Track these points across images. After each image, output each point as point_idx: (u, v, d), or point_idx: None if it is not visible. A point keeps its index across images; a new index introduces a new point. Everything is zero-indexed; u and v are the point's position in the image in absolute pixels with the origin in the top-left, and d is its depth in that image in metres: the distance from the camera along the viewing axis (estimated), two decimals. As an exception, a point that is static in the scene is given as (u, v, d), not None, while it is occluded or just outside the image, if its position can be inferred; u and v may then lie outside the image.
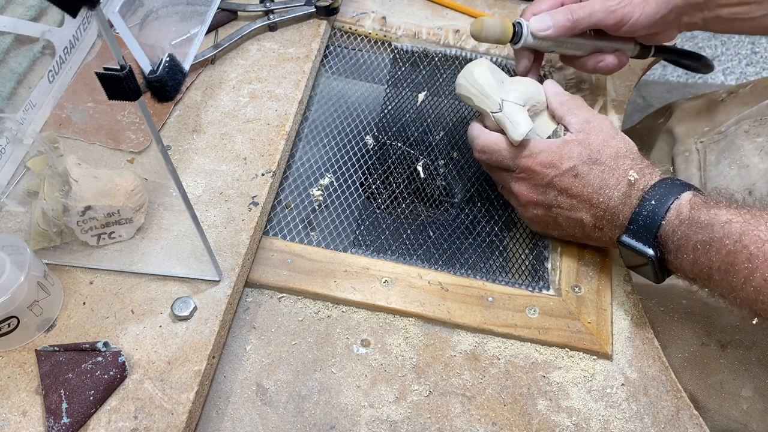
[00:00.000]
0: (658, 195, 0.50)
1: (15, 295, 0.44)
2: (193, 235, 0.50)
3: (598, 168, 0.54)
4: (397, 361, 0.53)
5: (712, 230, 0.47)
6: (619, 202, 0.52)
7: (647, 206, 0.50)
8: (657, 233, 0.50)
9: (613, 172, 0.53)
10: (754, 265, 0.44)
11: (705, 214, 0.48)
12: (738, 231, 0.45)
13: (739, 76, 1.69)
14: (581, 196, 0.54)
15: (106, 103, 0.54)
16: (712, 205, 0.48)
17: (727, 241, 0.46)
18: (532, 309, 0.56)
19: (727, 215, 0.47)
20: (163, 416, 0.44)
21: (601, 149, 0.54)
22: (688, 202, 0.49)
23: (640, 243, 0.51)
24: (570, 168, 0.54)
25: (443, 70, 0.75)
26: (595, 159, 0.54)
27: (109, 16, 0.31)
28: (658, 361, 0.55)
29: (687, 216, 0.49)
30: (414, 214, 0.66)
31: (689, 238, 0.48)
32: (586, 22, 0.60)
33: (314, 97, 0.71)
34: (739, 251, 0.45)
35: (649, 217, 0.50)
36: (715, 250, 0.46)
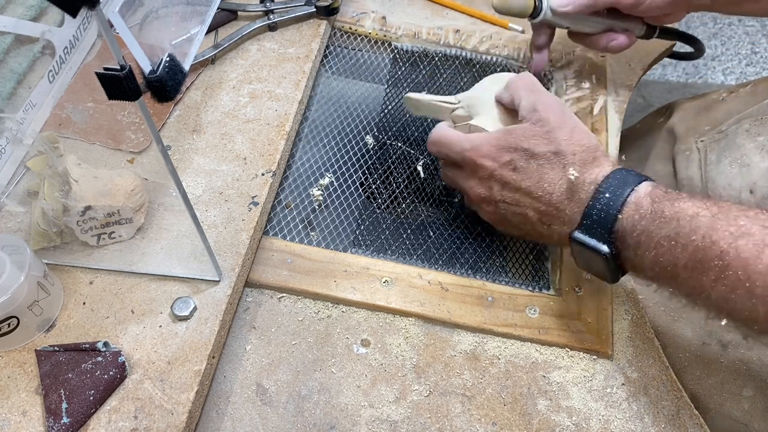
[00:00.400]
0: (613, 187, 0.47)
1: (15, 295, 0.44)
2: (193, 235, 0.50)
3: (535, 161, 0.51)
4: (397, 361, 0.53)
5: (678, 224, 0.43)
6: (563, 197, 0.50)
7: (601, 199, 0.47)
8: (613, 228, 0.47)
9: (553, 167, 0.50)
10: (725, 263, 0.41)
11: (669, 208, 0.45)
12: (706, 226, 0.42)
13: (739, 76, 1.69)
14: (521, 190, 0.52)
15: (106, 103, 0.55)
16: (675, 197, 0.45)
17: (694, 237, 0.42)
18: (533, 309, 0.56)
19: (694, 208, 0.44)
20: (163, 416, 0.44)
21: (540, 142, 0.51)
22: (647, 194, 0.46)
23: (593, 239, 0.47)
24: (509, 161, 0.52)
25: (443, 70, 0.75)
26: (534, 152, 0.51)
27: (109, 16, 0.31)
28: (658, 361, 0.55)
29: (648, 209, 0.45)
30: (414, 214, 0.66)
31: (651, 233, 0.45)
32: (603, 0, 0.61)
33: (314, 97, 0.71)
34: (708, 247, 0.42)
35: (603, 211, 0.47)
36: (681, 247, 0.43)
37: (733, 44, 1.76)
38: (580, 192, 0.49)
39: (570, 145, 0.51)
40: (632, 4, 0.62)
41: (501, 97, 0.58)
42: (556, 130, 0.51)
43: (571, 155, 0.50)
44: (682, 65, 1.73)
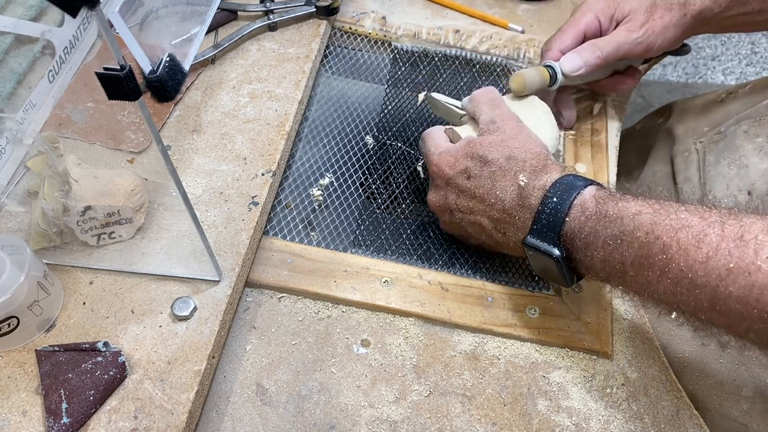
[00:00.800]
0: (560, 191, 0.48)
1: (15, 295, 0.44)
2: (193, 235, 0.50)
3: (488, 168, 0.52)
4: (397, 361, 0.53)
5: (622, 223, 0.44)
6: (514, 204, 0.51)
7: (549, 204, 0.48)
8: (561, 231, 0.48)
9: (505, 174, 0.52)
10: (668, 256, 0.42)
11: (613, 207, 0.45)
12: (649, 221, 0.43)
13: (739, 76, 1.69)
14: (476, 198, 0.53)
15: (106, 103, 0.54)
16: (618, 198, 0.46)
17: (638, 233, 0.43)
18: (532, 309, 0.56)
19: (636, 207, 0.44)
20: (163, 416, 0.44)
21: (494, 149, 0.53)
22: (592, 196, 0.47)
23: (544, 243, 0.49)
24: (464, 168, 0.54)
25: (443, 70, 0.75)
26: (488, 159, 0.52)
27: (109, 16, 0.31)
28: (658, 361, 0.55)
29: (593, 211, 0.46)
30: (414, 214, 0.66)
31: (598, 233, 0.46)
32: (614, 56, 0.61)
33: (314, 97, 0.71)
34: (651, 242, 0.42)
35: (551, 215, 0.48)
36: (627, 244, 0.44)
37: (733, 44, 1.76)
38: (530, 197, 0.50)
39: (522, 152, 0.52)
40: (641, 54, 0.63)
41: (465, 109, 0.60)
42: (510, 139, 0.54)
43: (522, 161, 0.52)
44: (682, 65, 1.73)
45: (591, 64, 0.61)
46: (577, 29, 0.63)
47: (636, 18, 0.62)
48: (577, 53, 0.61)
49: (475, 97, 0.59)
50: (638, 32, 0.61)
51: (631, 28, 0.62)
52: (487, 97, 0.58)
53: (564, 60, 0.62)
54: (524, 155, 0.52)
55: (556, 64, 0.62)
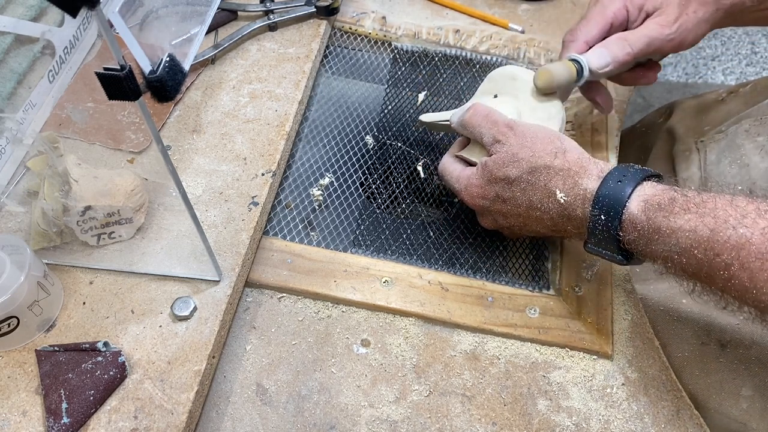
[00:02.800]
0: (606, 208, 0.47)
1: (15, 295, 0.44)
2: (193, 235, 0.50)
3: (517, 187, 0.52)
4: (397, 361, 0.53)
5: (677, 241, 0.44)
6: (560, 216, 0.50)
7: (598, 223, 0.47)
8: (619, 245, 0.48)
9: (535, 187, 0.51)
10: (730, 273, 0.42)
11: (664, 222, 0.45)
12: (706, 239, 0.43)
13: (739, 76, 1.69)
14: (521, 216, 0.53)
15: (106, 103, 0.54)
16: (668, 209, 0.45)
17: (696, 251, 0.43)
18: (533, 309, 0.56)
19: (690, 223, 0.44)
20: (163, 416, 0.44)
21: (510, 168, 0.51)
22: (641, 211, 0.46)
23: (607, 251, 0.49)
24: (495, 195, 0.53)
25: (443, 70, 0.75)
26: (511, 179, 0.52)
27: (109, 16, 0.31)
28: (658, 361, 0.55)
29: (645, 226, 0.46)
30: (414, 214, 0.66)
31: (654, 250, 0.46)
32: (643, 53, 0.58)
33: (314, 97, 0.71)
34: (711, 260, 0.43)
35: (604, 231, 0.48)
36: (686, 260, 0.44)
37: (733, 44, 1.76)
38: (575, 210, 0.49)
39: (539, 158, 0.51)
40: (674, 49, 0.59)
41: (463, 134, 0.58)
42: (519, 150, 0.52)
43: (546, 169, 0.50)
44: (682, 65, 1.73)
45: (620, 60, 0.57)
46: (604, 18, 0.59)
47: (669, 11, 0.58)
48: (605, 48, 0.58)
49: (467, 122, 0.56)
50: (671, 28, 0.57)
51: (663, 23, 0.58)
52: (479, 117, 0.55)
53: (591, 55, 0.58)
54: (544, 161, 0.51)
55: (583, 58, 0.58)
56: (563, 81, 0.57)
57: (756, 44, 1.76)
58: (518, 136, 0.53)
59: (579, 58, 0.58)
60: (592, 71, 0.58)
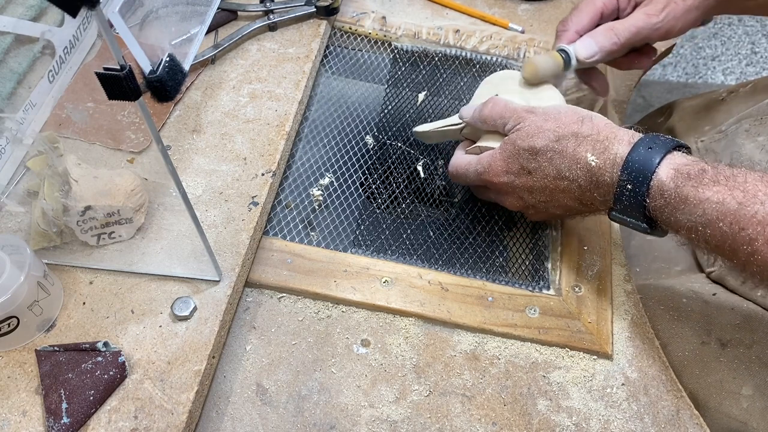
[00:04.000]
0: (634, 174, 0.47)
1: (15, 295, 0.44)
2: (193, 235, 0.50)
3: (543, 156, 0.51)
4: (397, 361, 0.53)
5: (704, 211, 0.44)
6: (588, 182, 0.50)
7: (625, 189, 0.47)
8: (644, 211, 0.48)
9: (563, 154, 0.50)
10: (754, 248, 0.42)
11: (693, 192, 0.45)
12: (732, 212, 0.43)
13: (739, 76, 1.69)
14: (547, 188, 0.53)
15: (106, 103, 0.54)
16: (698, 179, 0.45)
17: (721, 224, 0.44)
18: (532, 309, 0.56)
19: (718, 195, 0.44)
20: (163, 416, 0.44)
21: (536, 138, 0.52)
22: (670, 179, 0.46)
23: (631, 219, 0.49)
24: (520, 167, 0.53)
25: (443, 70, 0.75)
26: (536, 148, 0.51)
27: (109, 16, 0.31)
28: (658, 361, 0.55)
29: (673, 194, 0.46)
30: (414, 214, 0.66)
31: (679, 218, 0.46)
32: (631, 42, 0.59)
33: (314, 97, 0.71)
34: (736, 233, 0.43)
35: (631, 197, 0.47)
36: (710, 232, 0.44)
37: (733, 44, 1.76)
38: (603, 175, 0.49)
39: (565, 127, 0.51)
40: (662, 37, 0.60)
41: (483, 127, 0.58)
42: (544, 123, 0.52)
43: (574, 136, 0.50)
44: (682, 65, 1.73)
45: (606, 49, 0.59)
46: (595, 8, 0.61)
47: (657, 0, 0.59)
48: (592, 38, 0.59)
49: (488, 114, 0.56)
50: (658, 17, 0.58)
51: (650, 12, 0.59)
52: (499, 107, 0.56)
53: (579, 45, 0.60)
54: (570, 129, 0.51)
55: (570, 48, 0.60)
56: (549, 72, 0.59)
57: (756, 44, 1.76)
58: (540, 114, 0.53)
59: (567, 48, 0.60)
60: (580, 61, 0.60)
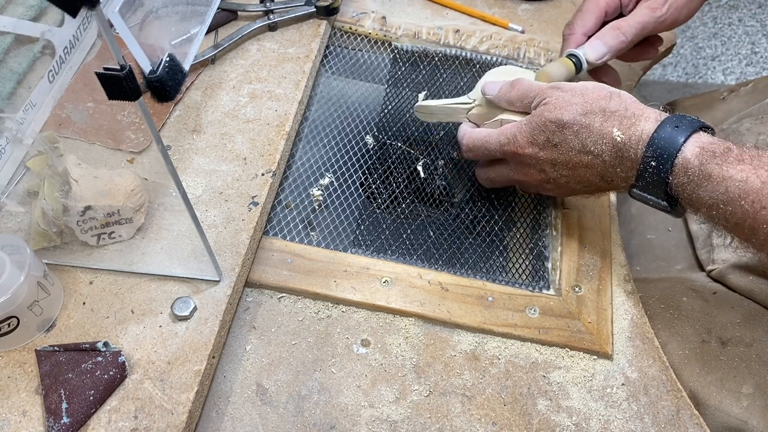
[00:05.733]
0: (659, 151, 0.47)
1: (15, 295, 0.44)
2: (193, 235, 0.50)
3: (570, 129, 0.51)
4: (397, 361, 0.53)
5: (727, 189, 0.45)
6: (613, 157, 0.50)
7: (649, 165, 0.48)
8: (666, 189, 0.48)
9: (590, 129, 0.51)
10: None
11: (717, 170, 0.45)
12: (755, 190, 0.43)
13: (739, 75, 1.69)
14: (571, 162, 0.53)
15: (106, 103, 0.54)
16: (723, 157, 0.45)
17: (743, 202, 0.44)
18: (532, 309, 0.56)
19: (742, 173, 0.44)
20: (163, 416, 0.44)
21: (564, 110, 0.52)
22: (695, 156, 0.46)
23: (652, 196, 0.50)
24: (546, 140, 0.53)
25: (443, 70, 0.75)
26: (564, 121, 0.52)
27: (109, 16, 0.31)
28: (658, 361, 0.55)
29: (697, 171, 0.46)
30: (414, 214, 0.66)
31: (701, 195, 0.46)
32: (639, 37, 0.60)
33: (314, 97, 0.71)
34: (757, 211, 0.43)
35: (654, 174, 0.48)
36: (731, 209, 0.45)
37: (733, 44, 1.76)
38: (629, 151, 0.49)
39: (592, 102, 0.51)
40: (668, 28, 0.61)
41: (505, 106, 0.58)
42: (572, 97, 0.52)
43: (601, 111, 0.51)
44: (682, 65, 1.73)
45: (615, 49, 0.60)
46: (599, 8, 0.62)
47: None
48: (600, 40, 0.60)
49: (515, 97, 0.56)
50: (662, 9, 0.59)
51: (653, 6, 0.60)
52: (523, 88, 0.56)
53: (588, 48, 0.60)
54: (599, 104, 0.51)
55: (580, 52, 0.60)
56: (562, 79, 0.60)
57: (756, 44, 1.76)
58: (567, 90, 0.54)
59: (577, 53, 0.61)
60: (590, 63, 0.61)
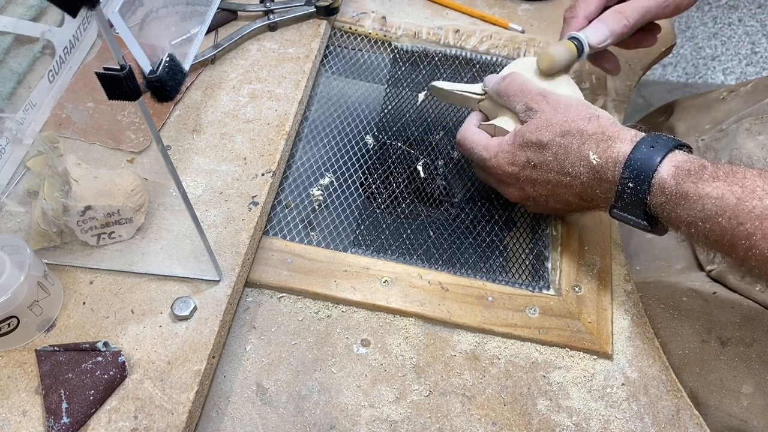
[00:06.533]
0: (636, 172, 0.48)
1: (15, 295, 0.44)
2: (193, 235, 0.50)
3: (549, 151, 0.52)
4: (397, 360, 0.53)
5: (704, 207, 0.45)
6: (591, 179, 0.51)
7: (626, 186, 0.48)
8: (645, 208, 0.49)
9: (567, 150, 0.52)
10: (752, 242, 0.43)
11: (693, 188, 0.45)
12: (731, 207, 0.44)
13: (739, 75, 1.69)
14: (550, 182, 0.54)
15: (106, 103, 0.55)
16: (698, 176, 0.46)
17: (720, 219, 0.44)
18: (532, 309, 0.56)
19: (718, 190, 0.44)
20: (163, 416, 0.44)
21: (544, 131, 0.53)
22: (671, 176, 0.47)
23: (632, 216, 0.50)
24: (526, 161, 0.54)
25: (443, 70, 0.75)
26: (543, 143, 0.52)
27: (109, 16, 0.31)
28: (658, 361, 0.55)
29: (673, 191, 0.46)
30: (414, 214, 0.66)
31: (679, 214, 0.46)
32: (641, 22, 0.60)
33: (314, 97, 0.71)
34: (735, 228, 0.44)
35: (632, 195, 0.48)
36: (709, 227, 0.45)
37: (733, 44, 1.76)
38: (606, 173, 0.50)
39: (572, 123, 0.52)
40: (671, 13, 0.60)
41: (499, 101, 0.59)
42: (553, 115, 0.53)
43: (579, 133, 0.51)
44: (682, 65, 1.73)
45: (617, 33, 0.59)
46: None
47: None
48: (602, 23, 0.59)
49: (504, 90, 0.58)
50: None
51: None
52: (515, 86, 0.57)
53: (590, 31, 0.60)
54: (577, 125, 0.52)
55: (582, 35, 0.60)
56: (564, 62, 0.59)
57: (756, 44, 1.76)
58: (551, 104, 0.54)
59: (579, 36, 0.60)
60: (592, 47, 0.60)
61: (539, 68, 0.59)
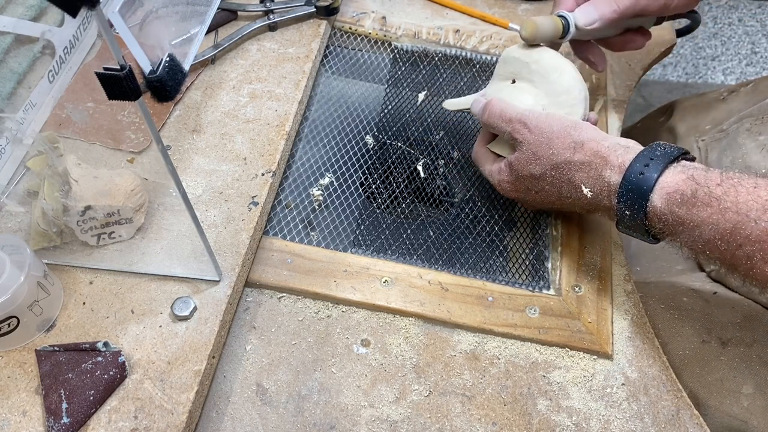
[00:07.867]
0: (630, 202, 0.48)
1: (15, 295, 0.44)
2: (193, 235, 0.50)
3: (544, 181, 0.54)
4: (397, 360, 0.53)
5: (701, 232, 0.45)
6: (590, 203, 0.52)
7: (625, 213, 0.49)
8: (647, 230, 0.49)
9: (561, 181, 0.53)
10: (752, 263, 0.43)
11: (688, 214, 0.46)
12: (730, 231, 0.44)
13: (739, 75, 1.69)
14: (554, 203, 0.57)
15: (106, 103, 0.55)
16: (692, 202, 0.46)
17: (719, 242, 0.45)
18: (533, 309, 0.56)
19: (714, 216, 0.44)
20: (163, 416, 0.44)
21: (533, 165, 0.54)
22: (665, 203, 0.47)
23: (637, 234, 0.51)
24: (526, 189, 0.57)
25: (443, 70, 0.75)
26: (536, 175, 0.54)
27: (109, 16, 0.31)
28: (658, 361, 0.55)
29: (669, 219, 0.47)
30: (414, 214, 0.66)
31: (677, 237, 0.48)
32: (630, 12, 0.59)
33: (314, 97, 0.71)
34: (734, 250, 0.44)
35: (631, 220, 0.49)
36: (709, 250, 0.46)
37: (733, 44, 1.76)
38: (602, 201, 0.51)
39: (559, 155, 0.52)
40: (659, 9, 0.60)
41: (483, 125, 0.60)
42: (537, 148, 0.54)
43: (568, 164, 0.52)
44: (682, 65, 1.73)
45: (606, 18, 0.59)
46: None
47: None
48: (592, 5, 0.59)
49: (486, 122, 0.58)
50: None
51: None
52: (494, 117, 0.57)
53: (578, 12, 0.59)
54: (564, 157, 0.52)
55: (570, 14, 0.59)
56: (548, 34, 0.59)
57: (756, 44, 1.76)
58: (534, 132, 0.54)
59: (566, 15, 0.60)
60: (579, 28, 0.59)
61: (521, 35, 0.58)
